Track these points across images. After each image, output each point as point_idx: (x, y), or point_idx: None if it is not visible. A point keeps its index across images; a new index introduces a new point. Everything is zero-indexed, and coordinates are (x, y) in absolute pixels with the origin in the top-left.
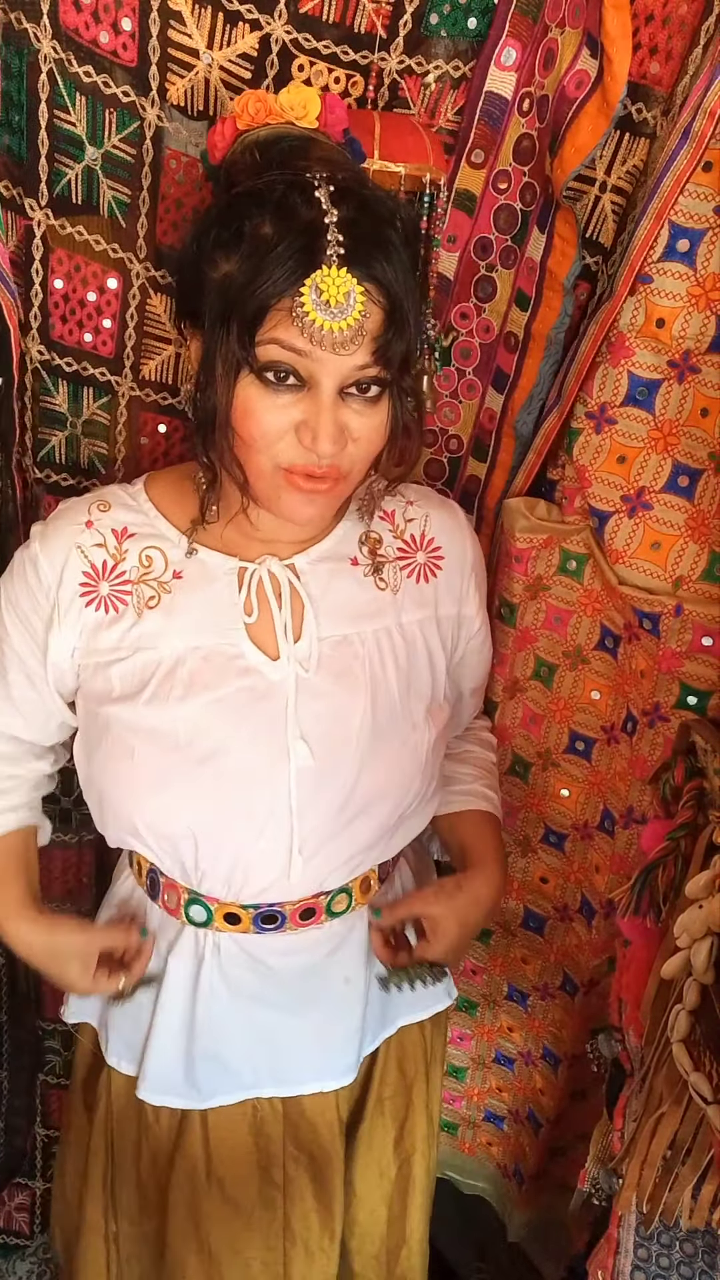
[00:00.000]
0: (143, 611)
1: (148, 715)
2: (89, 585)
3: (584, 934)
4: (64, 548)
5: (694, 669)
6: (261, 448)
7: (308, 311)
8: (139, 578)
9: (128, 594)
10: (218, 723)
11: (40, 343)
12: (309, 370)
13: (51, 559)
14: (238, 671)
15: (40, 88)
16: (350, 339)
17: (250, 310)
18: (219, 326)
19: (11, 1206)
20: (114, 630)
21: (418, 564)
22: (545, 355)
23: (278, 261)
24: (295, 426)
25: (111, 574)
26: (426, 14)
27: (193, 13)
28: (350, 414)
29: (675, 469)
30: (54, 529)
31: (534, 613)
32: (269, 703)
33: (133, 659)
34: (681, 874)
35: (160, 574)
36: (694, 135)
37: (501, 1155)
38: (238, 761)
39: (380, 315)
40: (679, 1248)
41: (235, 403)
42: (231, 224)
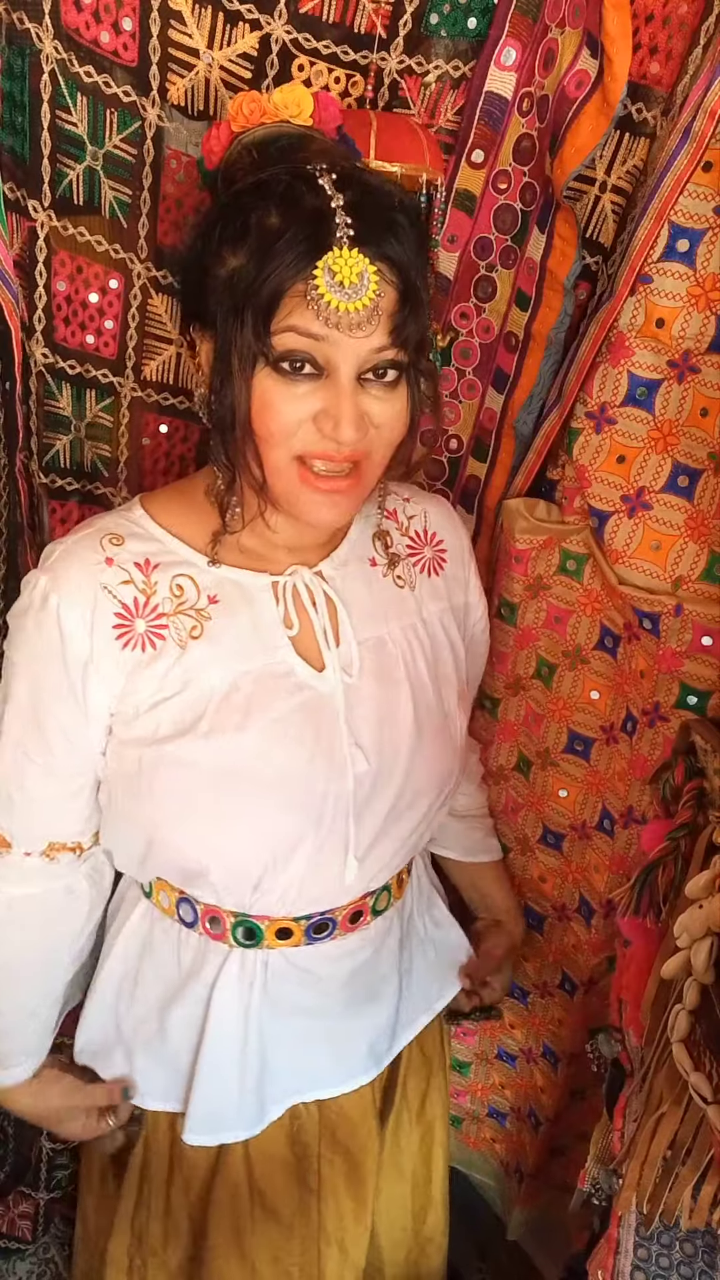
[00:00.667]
0: (186, 643)
1: (207, 750)
2: (124, 626)
3: (583, 934)
4: (88, 592)
5: (694, 669)
6: (279, 440)
7: (322, 294)
8: (175, 609)
9: (164, 628)
10: (280, 744)
11: (44, 345)
12: (326, 356)
13: (76, 607)
14: (290, 689)
15: (42, 88)
16: (366, 319)
17: (264, 299)
18: (232, 320)
19: (15, 1213)
20: (156, 668)
21: (426, 559)
22: (545, 355)
23: (288, 247)
24: (314, 416)
25: (146, 610)
26: (426, 14)
27: (193, 13)
28: (370, 400)
29: (675, 469)
30: (68, 574)
31: (534, 612)
32: (323, 715)
33: (183, 694)
34: (681, 874)
35: (195, 601)
36: (694, 135)
37: (504, 1152)
38: (304, 780)
39: (394, 295)
40: (679, 1248)
41: (253, 397)
42: (236, 219)
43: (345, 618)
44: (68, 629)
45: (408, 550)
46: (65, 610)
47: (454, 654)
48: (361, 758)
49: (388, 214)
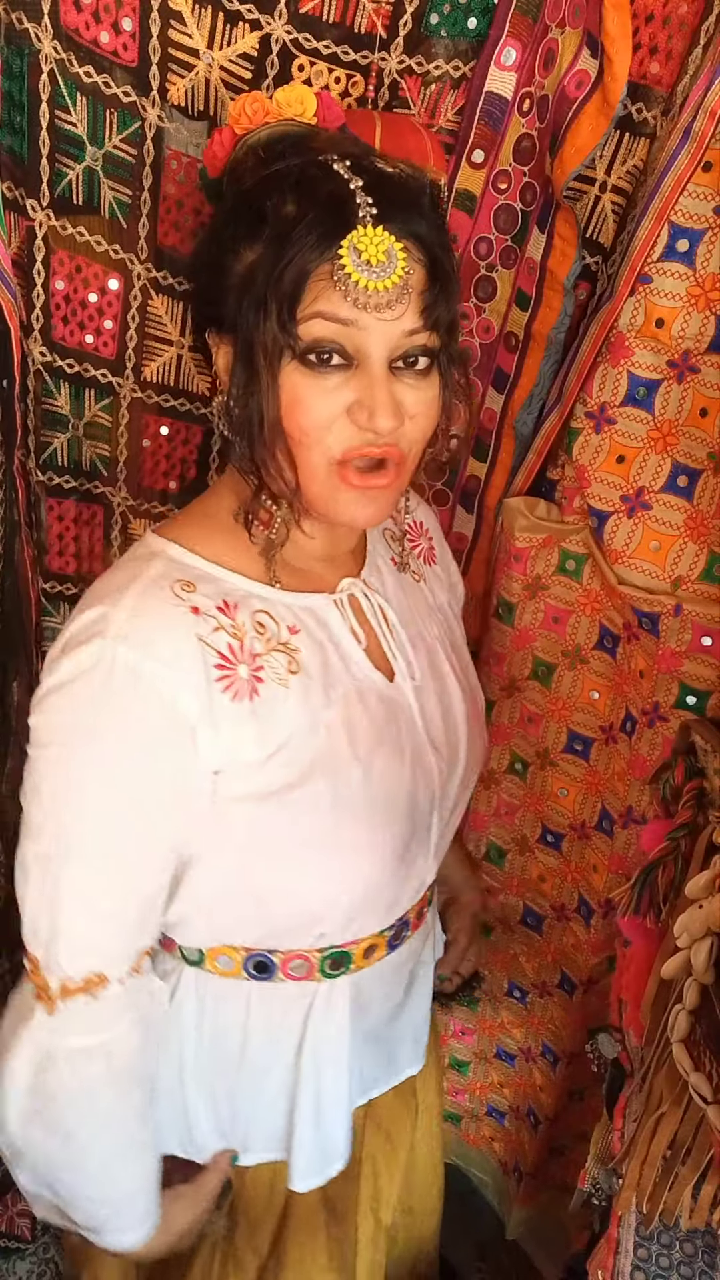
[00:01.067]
0: (288, 681)
1: (329, 788)
2: (227, 675)
3: (582, 934)
4: (186, 647)
5: (693, 669)
6: (313, 440)
7: (350, 273)
8: (267, 647)
9: (262, 669)
10: (384, 763)
11: (42, 344)
12: (356, 343)
13: (177, 668)
14: (378, 704)
15: (41, 88)
16: (396, 298)
17: (288, 284)
18: (253, 315)
19: (14, 1212)
20: (265, 714)
21: (424, 548)
22: (545, 355)
23: (309, 230)
24: (348, 409)
25: (244, 653)
26: (426, 14)
27: (193, 13)
28: (404, 389)
29: (674, 469)
30: (155, 634)
31: (532, 612)
32: (407, 723)
33: (295, 736)
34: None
35: (279, 634)
36: (694, 135)
37: (503, 1151)
38: (409, 792)
39: (423, 273)
40: (679, 1248)
41: (281, 395)
42: (250, 212)
43: (397, 622)
44: (172, 696)
45: (410, 544)
46: (165, 675)
47: (462, 635)
48: (439, 757)
49: (408, 193)
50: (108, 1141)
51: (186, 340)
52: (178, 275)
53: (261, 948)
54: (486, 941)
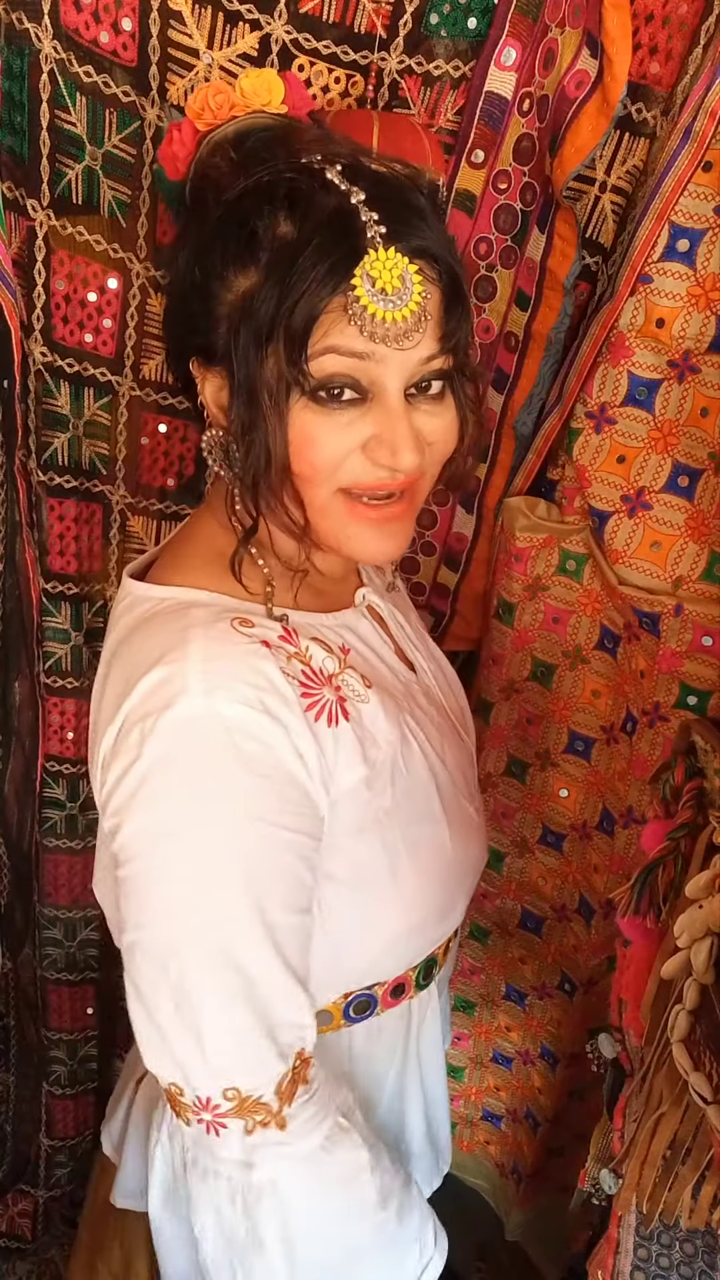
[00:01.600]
0: (368, 697)
1: (428, 783)
2: (314, 700)
3: (582, 934)
4: (268, 679)
5: (694, 669)
6: (324, 477)
7: (365, 306)
8: (340, 668)
9: (340, 689)
10: (451, 746)
11: (43, 344)
12: (371, 377)
13: (269, 705)
14: (422, 699)
15: (41, 88)
16: (414, 326)
17: (297, 323)
18: (254, 352)
19: (14, 1211)
20: (363, 733)
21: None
22: (545, 355)
23: (315, 259)
24: (364, 445)
25: (322, 677)
26: (426, 14)
27: (193, 13)
28: (421, 417)
29: (675, 469)
30: (231, 677)
31: (532, 613)
32: (442, 709)
33: (388, 748)
34: (681, 874)
35: (340, 654)
36: (695, 135)
37: (499, 1154)
38: (465, 776)
39: (439, 294)
40: (679, 1248)
41: (290, 435)
42: (239, 233)
43: (403, 620)
44: (278, 738)
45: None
46: (265, 718)
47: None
48: (467, 734)
49: (411, 201)
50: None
51: None
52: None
53: (361, 987)
54: (483, 947)
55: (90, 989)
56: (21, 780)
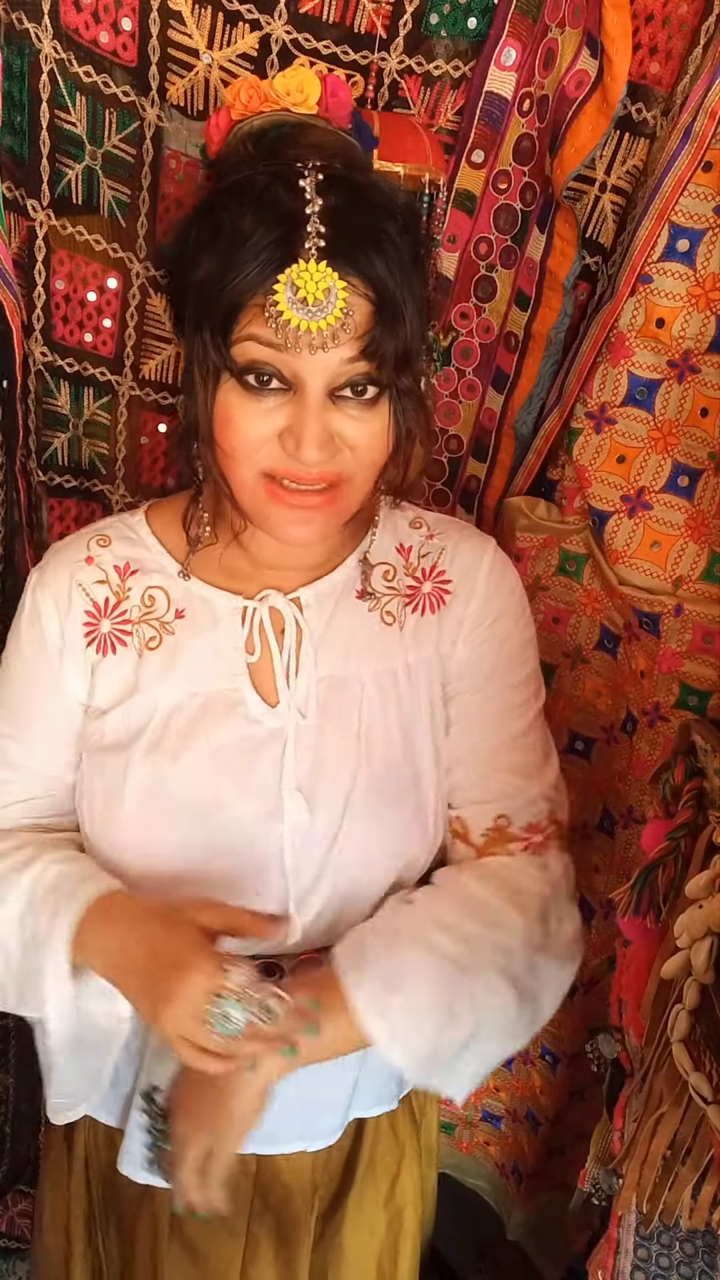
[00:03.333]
0: (143, 653)
1: (140, 767)
2: (91, 624)
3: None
4: (64, 585)
5: (694, 669)
6: (242, 457)
7: (281, 310)
8: (140, 617)
9: (128, 634)
10: (213, 776)
11: (43, 344)
12: (293, 369)
13: (54, 598)
14: (237, 719)
15: (41, 88)
16: (331, 337)
17: (222, 309)
18: (193, 331)
19: (14, 1212)
20: (113, 673)
21: (423, 595)
22: (545, 355)
23: (251, 254)
24: (279, 433)
25: (113, 612)
26: (426, 14)
27: (193, 13)
28: (344, 419)
29: (675, 469)
30: (52, 567)
31: (532, 613)
32: (266, 752)
33: (128, 704)
34: (681, 874)
35: (162, 613)
36: (695, 135)
37: (499, 1154)
38: (230, 815)
39: (368, 309)
40: (679, 1248)
41: (215, 410)
42: (211, 221)
43: (310, 651)
44: (45, 620)
45: (408, 589)
46: (44, 602)
47: (432, 713)
48: (302, 806)
49: (372, 221)
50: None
51: None
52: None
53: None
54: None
55: None
56: None
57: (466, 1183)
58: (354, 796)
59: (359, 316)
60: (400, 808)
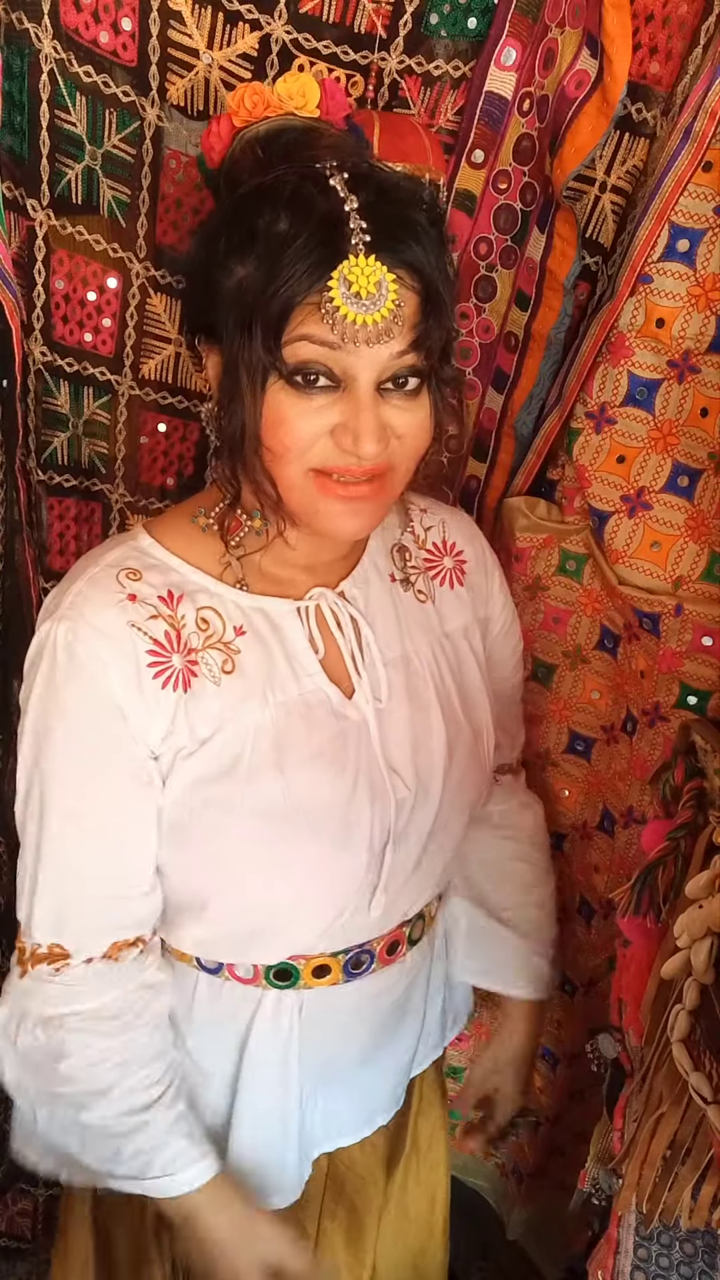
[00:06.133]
0: (220, 680)
1: (249, 792)
2: (160, 662)
3: (583, 934)
4: (117, 629)
5: (694, 669)
6: (293, 456)
7: (338, 306)
8: (204, 644)
9: (196, 664)
10: (322, 778)
11: (43, 344)
12: (343, 366)
13: (107, 649)
14: (325, 717)
15: (41, 88)
16: (385, 330)
17: (274, 311)
18: (239, 334)
19: (14, 1211)
20: (195, 707)
21: (445, 569)
22: (545, 355)
23: (299, 256)
24: (332, 430)
25: (179, 645)
26: (426, 14)
27: (193, 13)
28: (392, 411)
29: (675, 469)
30: (89, 617)
31: (531, 614)
32: (360, 742)
33: (221, 734)
34: (681, 874)
35: (223, 634)
36: (695, 135)
37: (500, 1154)
38: (348, 812)
39: (416, 301)
40: (679, 1248)
41: (264, 413)
42: (243, 225)
43: (371, 638)
44: (103, 675)
45: (425, 562)
46: (95, 655)
47: (480, 669)
48: (401, 784)
49: (406, 214)
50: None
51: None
52: (176, 274)
53: (209, 959)
54: None
55: None
56: None
57: (467, 1182)
58: (439, 765)
59: (408, 309)
60: (477, 769)
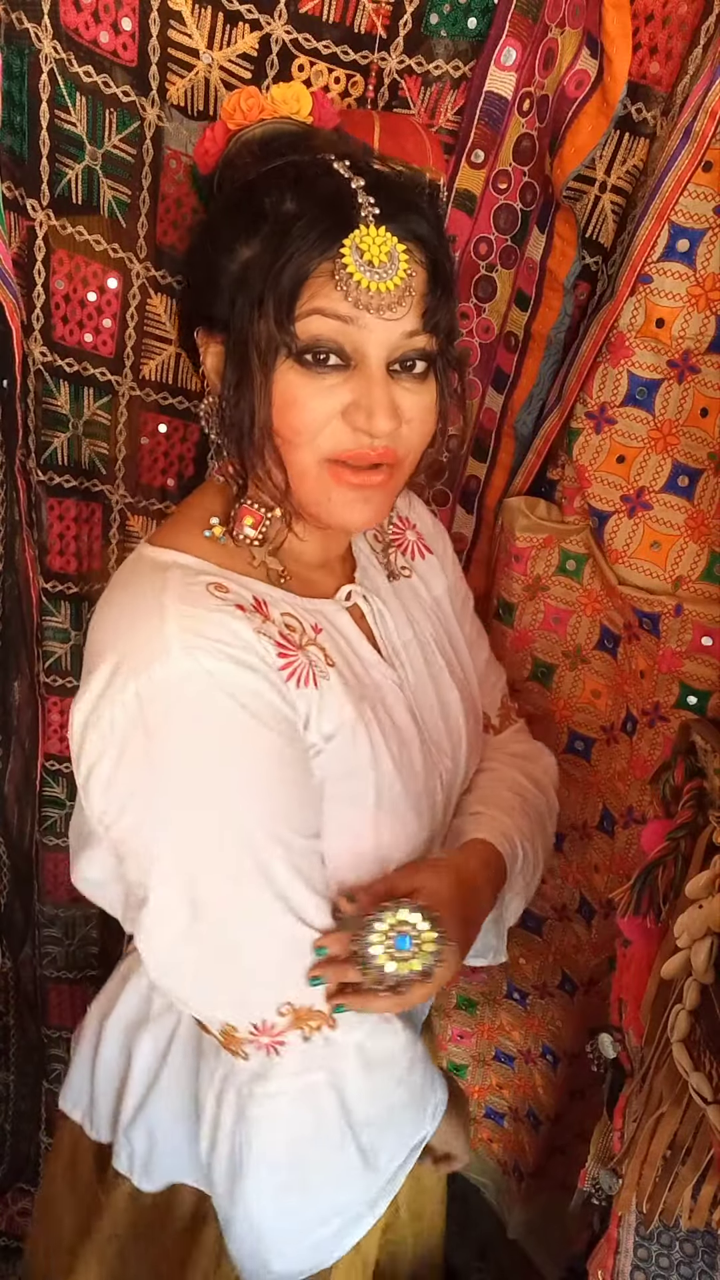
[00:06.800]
0: (329, 674)
1: (370, 783)
2: (290, 661)
3: (583, 934)
4: (249, 637)
5: (694, 669)
6: (305, 440)
7: (351, 273)
8: (304, 642)
9: (312, 662)
10: (416, 762)
11: (43, 344)
12: (355, 343)
13: (242, 656)
14: (394, 704)
15: (41, 88)
16: (398, 300)
17: (286, 282)
18: (248, 312)
19: (14, 1210)
20: (321, 704)
21: (410, 542)
22: (545, 355)
23: (310, 227)
24: (343, 410)
25: (295, 644)
26: (426, 14)
27: (193, 13)
28: (401, 392)
29: (675, 469)
30: (208, 633)
31: (532, 613)
32: (416, 722)
33: (341, 730)
34: (681, 874)
35: (308, 633)
36: (695, 135)
37: (502, 1152)
38: (426, 783)
39: (424, 275)
40: (679, 1248)
41: (275, 395)
42: (248, 209)
43: (393, 627)
44: (251, 679)
45: (394, 540)
46: (230, 664)
47: (462, 631)
48: (446, 759)
49: (409, 195)
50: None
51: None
52: (176, 274)
53: None
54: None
55: (90, 987)
56: (21, 779)
57: (471, 1178)
58: (463, 732)
59: (418, 282)
60: (477, 723)
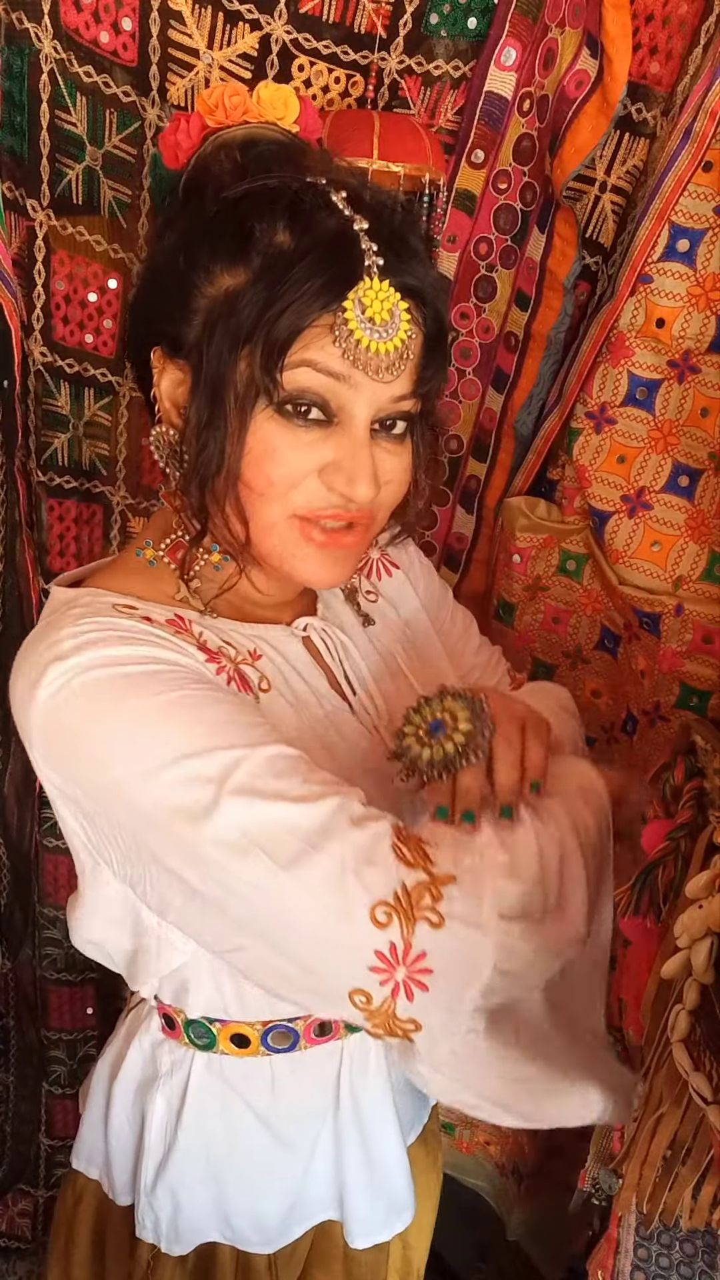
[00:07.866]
0: (260, 697)
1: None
2: (217, 663)
3: None
4: (153, 628)
5: (694, 669)
6: (277, 494)
7: (353, 330)
8: (237, 660)
9: (242, 674)
10: (371, 788)
11: (43, 344)
12: (342, 401)
13: (147, 635)
14: (354, 731)
15: (41, 88)
16: (395, 362)
17: (280, 331)
18: (228, 352)
19: (14, 1211)
20: (267, 714)
21: (373, 561)
22: (545, 355)
23: (310, 273)
24: (320, 469)
25: (227, 658)
26: (426, 14)
27: (193, 13)
28: (382, 454)
29: (675, 469)
30: (118, 634)
31: (532, 613)
32: (373, 750)
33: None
34: (681, 874)
35: (245, 656)
36: (695, 135)
37: (499, 1154)
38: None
39: (422, 339)
40: (679, 1248)
41: (249, 443)
42: (232, 231)
43: (358, 656)
44: (149, 651)
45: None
46: (128, 646)
47: (437, 640)
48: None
49: (408, 241)
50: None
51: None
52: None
53: (277, 1016)
54: None
55: (90, 989)
56: (21, 780)
57: (467, 1182)
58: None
59: (416, 344)
60: None
